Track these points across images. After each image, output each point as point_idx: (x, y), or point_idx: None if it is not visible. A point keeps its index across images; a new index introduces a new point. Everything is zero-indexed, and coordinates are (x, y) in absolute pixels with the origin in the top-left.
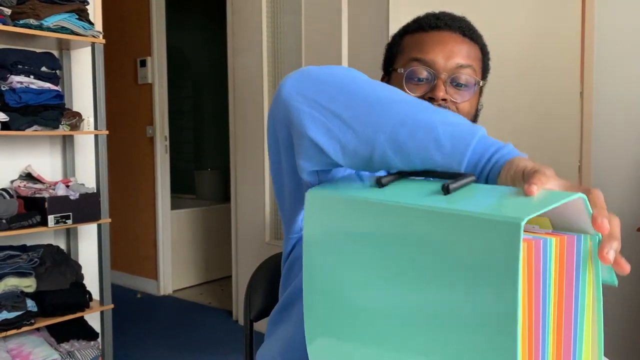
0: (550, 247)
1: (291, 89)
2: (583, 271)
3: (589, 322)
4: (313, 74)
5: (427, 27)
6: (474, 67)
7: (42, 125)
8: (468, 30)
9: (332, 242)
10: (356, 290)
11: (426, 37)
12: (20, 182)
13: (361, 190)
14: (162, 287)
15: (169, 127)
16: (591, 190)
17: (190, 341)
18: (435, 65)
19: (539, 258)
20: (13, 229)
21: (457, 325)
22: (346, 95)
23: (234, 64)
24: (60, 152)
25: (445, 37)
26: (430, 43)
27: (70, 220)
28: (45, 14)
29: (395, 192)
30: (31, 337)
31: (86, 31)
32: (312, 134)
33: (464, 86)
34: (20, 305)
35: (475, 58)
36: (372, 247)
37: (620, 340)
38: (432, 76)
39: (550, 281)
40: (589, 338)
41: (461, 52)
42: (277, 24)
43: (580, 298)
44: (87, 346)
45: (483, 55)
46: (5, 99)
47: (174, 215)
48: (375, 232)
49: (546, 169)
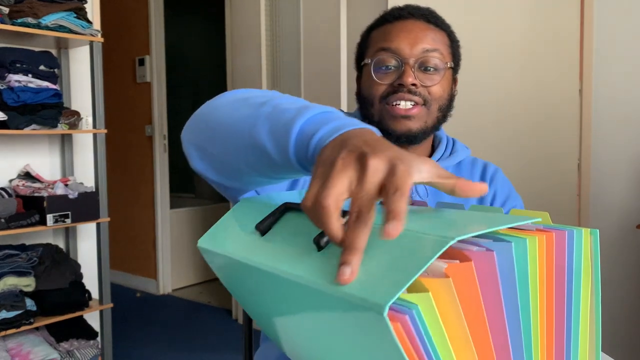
0: (525, 249)
1: (183, 137)
2: (578, 266)
3: (586, 319)
4: (194, 117)
5: (391, 19)
6: (441, 51)
7: (41, 124)
8: (432, 18)
9: (235, 263)
10: (265, 306)
11: (391, 27)
12: (19, 181)
13: (243, 239)
14: (161, 286)
15: (168, 126)
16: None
17: (189, 340)
18: (402, 52)
19: (510, 260)
20: (12, 228)
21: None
22: (210, 131)
23: (232, 62)
24: (59, 151)
25: (409, 25)
26: (395, 32)
27: (69, 219)
28: (43, 13)
29: (272, 247)
30: (30, 336)
31: (84, 30)
32: (205, 174)
33: (433, 69)
34: (19, 304)
35: (441, 42)
36: (266, 286)
37: (620, 337)
38: (399, 63)
39: (534, 280)
40: (585, 335)
41: (426, 38)
42: (276, 23)
43: (575, 294)
44: (87, 345)
45: (451, 42)
46: (3, 97)
47: (173, 215)
48: (262, 281)
49: (401, 167)
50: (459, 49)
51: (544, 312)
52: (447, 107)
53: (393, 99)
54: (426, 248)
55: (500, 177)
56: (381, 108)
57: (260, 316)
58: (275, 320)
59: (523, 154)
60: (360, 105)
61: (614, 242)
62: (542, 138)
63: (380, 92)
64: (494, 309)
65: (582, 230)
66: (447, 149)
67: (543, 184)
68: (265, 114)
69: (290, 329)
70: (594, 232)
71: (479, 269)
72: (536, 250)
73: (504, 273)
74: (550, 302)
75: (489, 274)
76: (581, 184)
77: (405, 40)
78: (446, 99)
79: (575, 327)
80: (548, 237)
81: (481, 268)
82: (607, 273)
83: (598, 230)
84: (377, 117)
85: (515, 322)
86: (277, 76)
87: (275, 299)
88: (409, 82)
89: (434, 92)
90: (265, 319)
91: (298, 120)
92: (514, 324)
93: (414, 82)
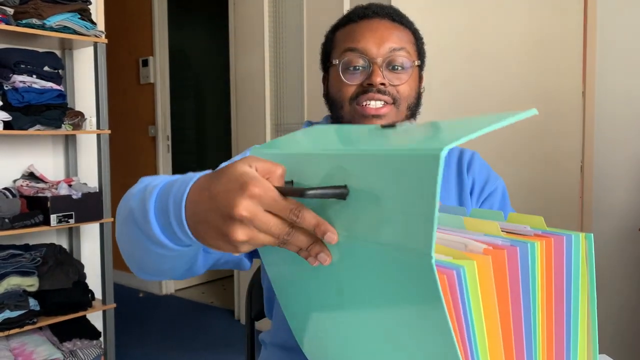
0: (533, 251)
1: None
2: (576, 270)
3: (584, 321)
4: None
5: (356, 18)
6: (407, 50)
7: (45, 125)
8: (397, 16)
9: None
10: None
11: (356, 27)
12: (23, 182)
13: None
14: (164, 287)
15: (171, 126)
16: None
17: (192, 340)
18: (369, 52)
19: (516, 264)
20: (16, 228)
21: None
22: (120, 228)
23: (235, 63)
24: (63, 151)
25: (374, 24)
26: (360, 32)
27: (73, 219)
28: (47, 14)
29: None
30: (34, 336)
31: (88, 31)
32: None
33: (401, 68)
34: (22, 304)
35: (407, 41)
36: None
37: (622, 338)
38: (367, 63)
39: (535, 284)
40: (584, 337)
41: (392, 37)
42: (279, 24)
43: (574, 298)
44: (90, 345)
45: (416, 39)
46: (8, 98)
47: None
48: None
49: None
50: (423, 46)
51: (544, 313)
52: (415, 105)
53: (363, 99)
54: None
55: (477, 162)
56: (352, 109)
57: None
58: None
59: (526, 156)
60: (329, 107)
61: (616, 244)
62: (544, 140)
63: (349, 93)
64: (515, 299)
65: (580, 235)
66: None
67: (545, 186)
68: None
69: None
70: (588, 236)
71: (509, 257)
72: (536, 253)
73: (524, 268)
74: (549, 304)
75: (513, 265)
76: (584, 185)
77: (372, 40)
78: (414, 97)
79: (574, 329)
80: (547, 243)
81: (510, 257)
82: (609, 274)
83: (592, 234)
84: (348, 118)
85: (528, 317)
86: (280, 77)
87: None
88: (378, 81)
89: (402, 91)
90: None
91: (150, 199)
92: (527, 318)
93: (383, 82)
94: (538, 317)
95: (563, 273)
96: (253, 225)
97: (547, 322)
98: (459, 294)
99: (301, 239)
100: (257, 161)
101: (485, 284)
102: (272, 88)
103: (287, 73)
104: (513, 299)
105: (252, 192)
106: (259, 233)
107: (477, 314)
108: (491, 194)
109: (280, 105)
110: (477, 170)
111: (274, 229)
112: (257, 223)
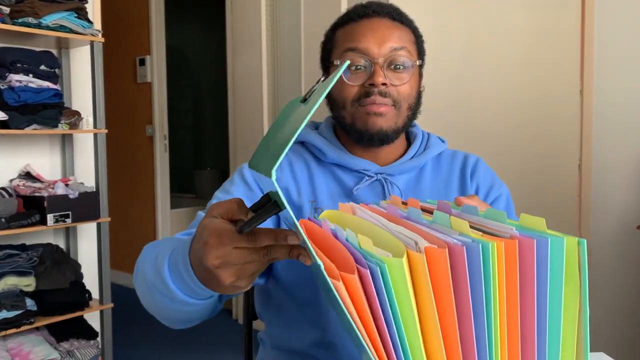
0: (487, 251)
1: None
2: (556, 272)
3: (574, 322)
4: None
5: (356, 17)
6: (408, 49)
7: (41, 124)
8: (397, 15)
9: None
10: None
11: (357, 26)
12: (20, 181)
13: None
14: None
15: (169, 126)
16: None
17: (189, 340)
18: (370, 52)
19: (462, 263)
20: (12, 227)
21: None
22: (144, 297)
23: (233, 62)
24: (60, 151)
25: (375, 23)
26: (361, 31)
27: (70, 219)
28: (44, 13)
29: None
30: (31, 336)
31: (85, 30)
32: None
33: (402, 68)
34: (19, 304)
35: (408, 40)
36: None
37: (621, 337)
38: (369, 63)
39: (490, 284)
40: (573, 337)
41: (393, 36)
42: (277, 23)
43: (551, 299)
44: (87, 345)
45: (416, 38)
46: (4, 97)
47: (174, 214)
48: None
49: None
50: (423, 44)
51: (503, 313)
52: (416, 104)
53: (365, 103)
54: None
55: (481, 167)
56: (354, 111)
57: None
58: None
59: (523, 155)
60: (330, 107)
61: (615, 242)
62: (542, 138)
63: (352, 94)
64: (462, 296)
65: (564, 238)
66: (422, 145)
67: (543, 185)
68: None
69: None
70: (581, 241)
71: (453, 256)
72: (495, 254)
73: (473, 267)
74: (512, 304)
75: (460, 263)
76: (582, 184)
77: (373, 39)
78: (415, 97)
79: (552, 330)
80: (510, 244)
81: (455, 256)
82: (608, 273)
83: (585, 240)
84: (350, 120)
85: (480, 315)
86: (278, 75)
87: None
88: (380, 81)
89: (403, 91)
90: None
91: (165, 263)
92: (479, 316)
93: (384, 82)
94: (495, 317)
95: (533, 274)
96: (231, 264)
97: (510, 322)
98: (375, 290)
99: (280, 250)
100: (217, 208)
101: (418, 280)
102: (269, 87)
103: (285, 72)
104: (459, 296)
105: (211, 242)
106: (243, 266)
107: (404, 308)
108: (495, 199)
109: (277, 104)
110: (481, 175)
111: (250, 257)
112: (233, 261)
